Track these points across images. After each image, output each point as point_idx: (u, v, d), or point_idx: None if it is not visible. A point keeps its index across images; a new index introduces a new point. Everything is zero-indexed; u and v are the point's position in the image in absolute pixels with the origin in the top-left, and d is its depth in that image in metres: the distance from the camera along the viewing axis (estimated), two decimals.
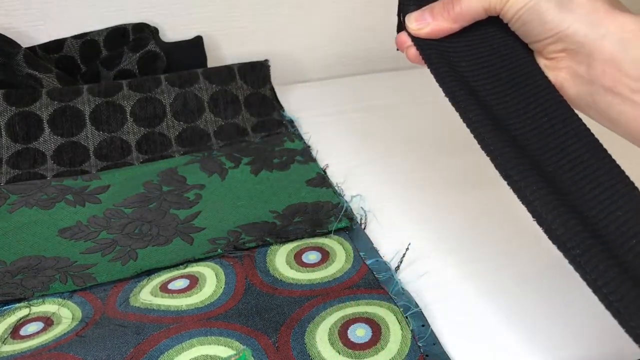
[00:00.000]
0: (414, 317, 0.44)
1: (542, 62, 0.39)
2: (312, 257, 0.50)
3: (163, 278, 0.48)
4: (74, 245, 0.52)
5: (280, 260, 0.50)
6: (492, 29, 0.40)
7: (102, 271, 0.49)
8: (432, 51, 0.39)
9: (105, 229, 0.54)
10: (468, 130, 0.70)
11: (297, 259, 0.50)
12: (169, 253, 0.51)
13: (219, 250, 0.50)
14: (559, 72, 0.39)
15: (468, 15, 0.38)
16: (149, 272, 0.49)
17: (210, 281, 0.47)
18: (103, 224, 0.55)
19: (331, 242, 0.52)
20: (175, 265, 0.49)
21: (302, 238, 0.52)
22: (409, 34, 0.40)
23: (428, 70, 0.41)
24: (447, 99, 0.84)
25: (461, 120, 0.39)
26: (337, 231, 0.53)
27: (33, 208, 0.57)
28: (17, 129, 0.64)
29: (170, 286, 0.47)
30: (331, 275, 0.48)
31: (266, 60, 0.75)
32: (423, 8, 0.39)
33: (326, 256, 0.50)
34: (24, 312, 0.45)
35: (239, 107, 0.71)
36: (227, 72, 0.72)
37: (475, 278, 0.48)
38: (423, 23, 0.39)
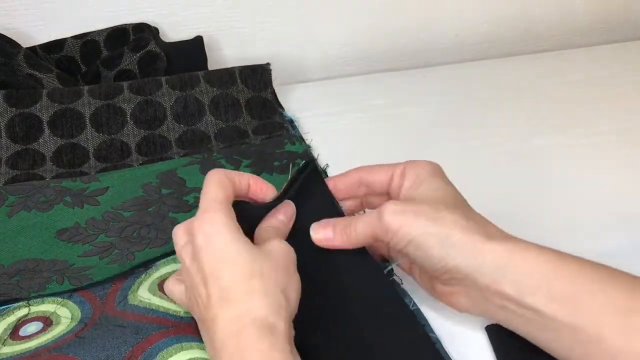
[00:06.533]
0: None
1: (438, 287, 0.42)
2: None
3: (161, 273, 0.48)
4: (72, 248, 0.52)
5: None
6: None
7: (99, 273, 0.49)
8: None
9: (103, 231, 0.54)
10: (468, 131, 0.70)
11: None
12: (167, 248, 0.51)
13: None
14: (456, 296, 0.41)
15: (361, 240, 0.42)
16: (147, 265, 0.49)
17: None
18: (101, 227, 0.55)
19: None
20: (171, 254, 0.49)
21: None
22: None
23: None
24: (446, 99, 0.84)
25: None
26: None
27: (32, 211, 0.56)
28: (17, 129, 0.64)
29: None
30: None
31: (267, 64, 0.74)
32: (327, 222, 0.43)
33: None
34: (23, 311, 0.45)
35: (240, 110, 0.71)
36: (228, 76, 0.72)
37: None
38: (325, 236, 0.43)
